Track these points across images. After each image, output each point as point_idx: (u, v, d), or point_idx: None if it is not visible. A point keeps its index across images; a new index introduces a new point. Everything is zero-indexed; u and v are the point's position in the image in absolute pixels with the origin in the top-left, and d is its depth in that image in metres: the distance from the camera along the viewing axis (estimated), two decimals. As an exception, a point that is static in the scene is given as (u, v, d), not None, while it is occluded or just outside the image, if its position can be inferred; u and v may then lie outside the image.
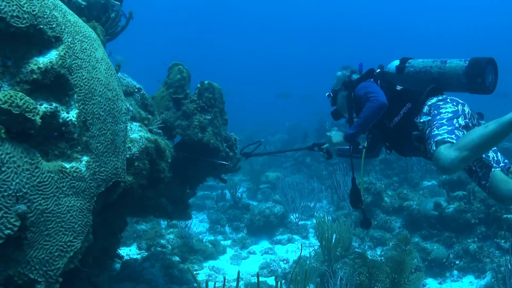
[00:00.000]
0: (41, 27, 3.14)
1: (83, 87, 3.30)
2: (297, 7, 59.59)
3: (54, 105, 3.13)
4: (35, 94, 3.12)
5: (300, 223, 9.79)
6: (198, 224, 10.74)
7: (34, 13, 3.09)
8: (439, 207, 8.16)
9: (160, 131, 4.85)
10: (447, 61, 3.89)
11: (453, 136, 3.38)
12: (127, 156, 3.97)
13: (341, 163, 12.23)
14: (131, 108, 4.77)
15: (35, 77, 3.05)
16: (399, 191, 9.74)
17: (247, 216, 9.93)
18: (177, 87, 5.98)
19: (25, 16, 3.03)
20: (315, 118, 17.05)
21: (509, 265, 5.85)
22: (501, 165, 3.60)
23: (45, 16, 3.19)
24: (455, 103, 3.73)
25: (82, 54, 3.41)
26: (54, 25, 3.25)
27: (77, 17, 3.77)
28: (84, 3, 5.11)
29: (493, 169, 3.57)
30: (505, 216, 7.50)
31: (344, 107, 4.50)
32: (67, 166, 3.10)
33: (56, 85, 3.18)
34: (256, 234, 9.44)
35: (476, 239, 7.52)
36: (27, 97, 2.82)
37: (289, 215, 9.94)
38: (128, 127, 4.25)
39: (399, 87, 4.15)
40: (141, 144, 4.11)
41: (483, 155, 3.55)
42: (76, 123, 3.20)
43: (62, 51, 3.22)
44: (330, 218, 10.13)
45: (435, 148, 3.40)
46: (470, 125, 3.60)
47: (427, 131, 3.63)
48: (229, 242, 9.19)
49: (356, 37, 57.93)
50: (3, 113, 2.69)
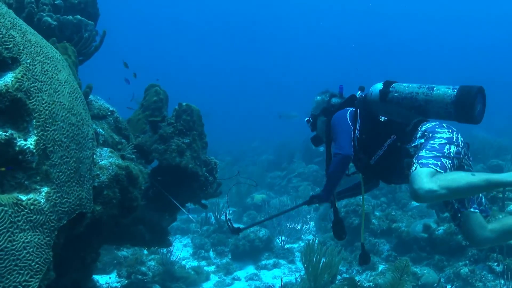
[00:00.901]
0: (-4, 48, 2.91)
1: (43, 112, 3.06)
2: (291, 22, 59.41)
3: (9, 132, 2.88)
4: (-12, 120, 2.89)
5: (286, 246, 9.51)
6: (181, 248, 10.42)
7: (-13, 33, 2.87)
8: (428, 229, 7.94)
9: (133, 156, 4.61)
10: (434, 88, 3.67)
11: (439, 163, 3.24)
12: (95, 184, 3.71)
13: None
14: (102, 132, 4.53)
15: (-12, 102, 2.81)
16: (387, 212, 9.51)
17: (231, 240, 9.63)
18: (154, 109, 5.76)
19: (-23, 36, 2.80)
20: (302, 137, 16.86)
21: (502, 290, 5.64)
22: (481, 207, 3.62)
23: (0, 36, 2.96)
24: (450, 130, 3.59)
25: (42, 76, 3.18)
26: (10, 46, 3.02)
27: (40, 37, 3.55)
28: (54, 22, 4.88)
29: (472, 209, 3.59)
30: (496, 238, 7.31)
31: (323, 132, 4.28)
32: (24, 198, 2.84)
33: (12, 110, 2.94)
34: (241, 259, 9.14)
35: (467, 262, 7.29)
36: (-23, 124, 2.58)
37: (274, 239, 9.65)
38: (97, 153, 4.01)
39: (382, 118, 3.95)
40: (110, 171, 3.86)
41: None
42: (34, 151, 2.95)
43: (19, 73, 2.98)
44: (317, 241, 9.91)
45: (415, 169, 3.26)
46: (461, 154, 3.50)
47: (417, 152, 3.49)
48: (213, 267, 8.89)
49: (347, 56, 58.05)
50: None
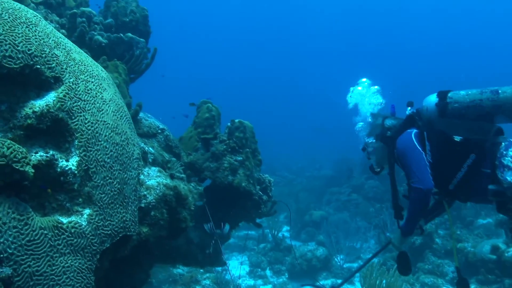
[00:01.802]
0: (38, 67, 2.85)
1: (86, 132, 2.98)
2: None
3: (51, 152, 2.81)
4: (31, 141, 2.82)
5: (345, 265, 9.15)
6: (238, 266, 10.27)
7: (29, 52, 2.82)
8: (497, 250, 7.40)
9: (183, 175, 4.49)
10: (499, 91, 3.35)
11: None
12: (142, 205, 3.61)
13: (388, 201, 11.59)
14: (152, 150, 4.44)
15: (29, 122, 2.75)
16: (452, 231, 8.98)
17: (288, 259, 9.38)
18: (206, 126, 5.65)
19: (19, 56, 2.75)
20: (361, 151, 16.43)
21: None
22: None
23: (43, 55, 2.91)
24: None
25: (86, 95, 3.11)
26: (53, 65, 2.96)
27: (86, 55, 3.50)
28: (105, 41, 4.88)
29: None
30: None
31: (383, 159, 3.95)
32: (64, 221, 2.75)
33: (54, 130, 2.87)
34: (298, 278, 8.87)
35: (542, 287, 6.74)
36: (16, 145, 2.50)
37: (333, 258, 9.32)
38: (145, 173, 3.92)
39: (457, 138, 3.47)
40: (158, 191, 3.75)
41: None
42: (76, 172, 2.87)
43: (61, 93, 2.92)
44: (376, 261, 9.50)
45: None
46: None
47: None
48: (269, 287, 8.66)
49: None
50: (-16, 165, 2.38)
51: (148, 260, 4.75)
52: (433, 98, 3.63)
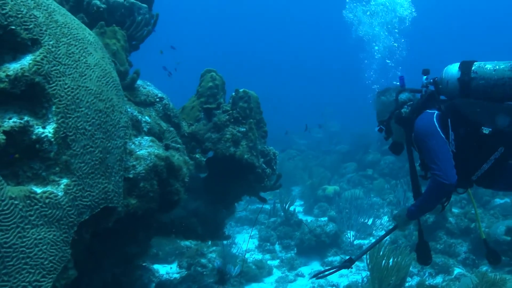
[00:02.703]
0: (13, 28, 2.69)
1: (65, 97, 2.82)
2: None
3: (25, 119, 2.66)
4: (5, 106, 2.67)
5: (355, 242, 8.97)
6: (247, 240, 10.19)
7: (3, 12, 2.65)
8: (512, 232, 7.14)
9: (179, 146, 4.33)
10: None
11: None
12: (130, 176, 3.47)
13: (404, 177, 11.34)
14: (149, 120, 4.28)
15: (2, 86, 2.60)
16: (466, 210, 8.68)
17: (298, 234, 9.22)
18: (209, 96, 5.46)
19: (-9, 15, 2.59)
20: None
21: None
22: None
23: (20, 15, 2.74)
24: None
25: (67, 59, 2.93)
26: (31, 26, 2.79)
27: (72, 17, 3.32)
28: (103, 5, 4.69)
29: None
30: None
31: (403, 137, 3.58)
32: (38, 191, 2.61)
33: (30, 95, 2.72)
34: (306, 254, 8.72)
35: (557, 271, 6.49)
36: (-16, 110, 2.36)
37: (343, 234, 9.13)
38: (136, 142, 3.76)
39: (486, 130, 3.09)
40: (148, 162, 3.59)
41: None
42: (53, 139, 2.72)
43: (39, 56, 2.75)
44: (388, 238, 9.31)
45: None
46: None
47: None
48: (277, 262, 8.55)
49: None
50: None
51: (144, 233, 4.64)
52: (455, 70, 3.28)
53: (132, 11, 5.04)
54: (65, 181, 2.76)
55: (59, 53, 2.89)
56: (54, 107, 2.76)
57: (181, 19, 50.26)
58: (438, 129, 3.17)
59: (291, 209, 10.63)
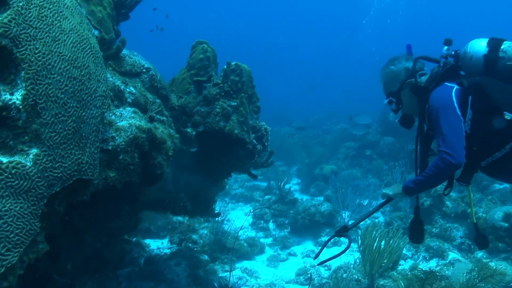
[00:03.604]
0: (-23, -14, 2.52)
1: (35, 63, 2.66)
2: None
3: (-9, 84, 2.51)
4: (-30, 70, 2.53)
5: (350, 223, 8.83)
6: (242, 217, 10.11)
7: (-32, -32, 2.48)
8: (509, 218, 6.99)
9: (164, 118, 4.18)
10: None
11: None
12: (109, 147, 3.33)
13: (403, 159, 11.19)
14: (134, 90, 4.12)
15: (-34, 48, 2.44)
16: (464, 195, 8.52)
17: (292, 212, 9.13)
18: (200, 68, 5.29)
19: (-46, -29, 2.42)
20: (379, 108, 15.90)
21: None
22: None
23: (-15, -27, 2.57)
24: None
25: (39, 22, 2.77)
26: (-2, -15, 2.62)
27: (48, -21, 3.13)
28: (89, -30, 4.49)
29: None
30: None
31: (415, 108, 3.33)
32: (4, 160, 2.48)
33: (-3, 59, 2.57)
34: (300, 233, 8.63)
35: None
36: None
37: (339, 214, 9.02)
38: (117, 113, 3.62)
39: (509, 116, 2.87)
40: (129, 133, 3.45)
41: None
42: (21, 107, 2.58)
43: (6, 18, 2.59)
44: (382, 220, 9.21)
45: None
46: None
47: None
48: (270, 240, 8.46)
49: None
50: None
51: (129, 207, 4.52)
52: (482, 46, 3.01)
53: (120, -23, 4.84)
54: (34, 151, 2.63)
55: (29, 15, 2.73)
56: (23, 72, 2.61)
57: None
58: (455, 104, 2.95)
59: (287, 187, 10.53)
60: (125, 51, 4.49)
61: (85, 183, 3.01)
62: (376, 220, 9.39)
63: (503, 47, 2.91)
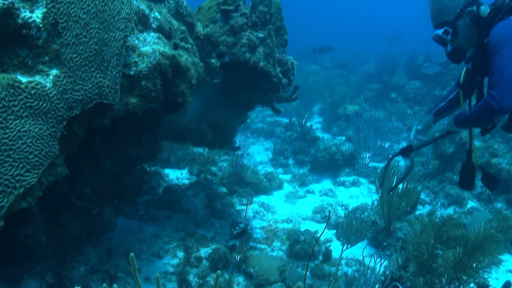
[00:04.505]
0: None
1: (56, -22, 2.53)
2: None
3: (10, 0, 2.40)
4: (-11, -17, 2.41)
5: (370, 164, 8.78)
6: (262, 152, 10.09)
7: None
8: (534, 169, 6.84)
9: (189, 46, 4.04)
10: None
11: None
12: (131, 73, 3.23)
13: (430, 103, 10.95)
14: (159, 16, 3.97)
15: (-16, -42, 2.32)
16: (489, 144, 8.30)
17: (313, 150, 9.04)
18: (227, -4, 5.08)
19: None
20: (407, 50, 15.43)
21: None
22: None
23: None
24: None
25: None
26: None
27: None
28: None
29: None
30: None
31: (470, 42, 2.97)
32: (24, 80, 2.41)
33: (17, -27, 2.44)
34: (319, 171, 8.59)
35: None
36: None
37: (359, 155, 8.91)
38: (141, 38, 3.49)
39: None
40: (152, 59, 3.34)
41: None
42: (41, 25, 2.48)
43: None
44: (403, 164, 9.10)
45: None
46: None
47: None
48: (289, 176, 8.45)
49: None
50: None
51: (149, 135, 4.49)
52: None
53: None
54: (54, 71, 2.55)
55: None
56: (44, -12, 2.49)
57: None
58: None
59: (308, 124, 10.42)
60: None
61: (105, 107, 2.95)
62: (396, 163, 9.30)
63: None
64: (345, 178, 8.26)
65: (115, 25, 2.92)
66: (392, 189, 3.50)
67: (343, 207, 7.11)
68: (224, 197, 6.57)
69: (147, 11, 3.69)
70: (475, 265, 3.89)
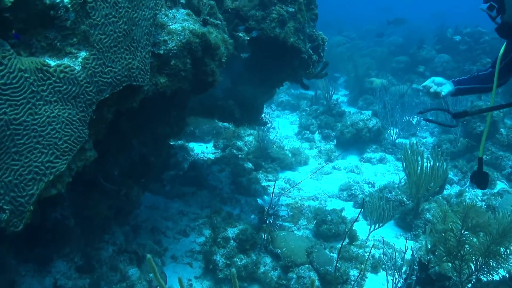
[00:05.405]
0: None
1: (85, -44, 2.41)
2: None
3: (38, -21, 2.29)
4: (15, -39, 2.30)
5: (397, 141, 8.59)
6: (288, 126, 9.96)
7: None
8: None
9: (218, 22, 3.89)
10: None
11: None
12: (161, 52, 3.12)
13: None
14: (188, -10, 3.83)
15: None
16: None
17: (339, 125, 8.85)
18: (257, -31, 4.89)
19: None
20: (436, 23, 14.97)
21: None
22: None
23: None
24: None
25: None
26: None
27: None
28: None
29: None
30: None
31: None
32: (52, 63, 2.32)
33: (44, -50, 2.33)
34: (345, 147, 8.44)
35: None
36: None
37: (386, 131, 8.72)
38: (170, 15, 3.37)
39: None
40: (181, 37, 3.21)
41: None
42: (70, 6, 2.38)
43: None
44: (431, 140, 8.92)
45: None
46: None
47: None
48: (315, 152, 8.32)
49: None
50: None
51: (177, 113, 4.39)
52: None
53: None
54: (83, 54, 2.45)
55: None
56: (72, -34, 2.37)
57: None
58: None
59: (334, 98, 10.23)
60: None
61: (135, 89, 2.85)
62: (423, 140, 9.11)
63: None
64: (372, 154, 8.11)
65: (144, 3, 2.79)
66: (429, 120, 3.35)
67: (369, 185, 6.99)
68: (250, 173, 6.49)
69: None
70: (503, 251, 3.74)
